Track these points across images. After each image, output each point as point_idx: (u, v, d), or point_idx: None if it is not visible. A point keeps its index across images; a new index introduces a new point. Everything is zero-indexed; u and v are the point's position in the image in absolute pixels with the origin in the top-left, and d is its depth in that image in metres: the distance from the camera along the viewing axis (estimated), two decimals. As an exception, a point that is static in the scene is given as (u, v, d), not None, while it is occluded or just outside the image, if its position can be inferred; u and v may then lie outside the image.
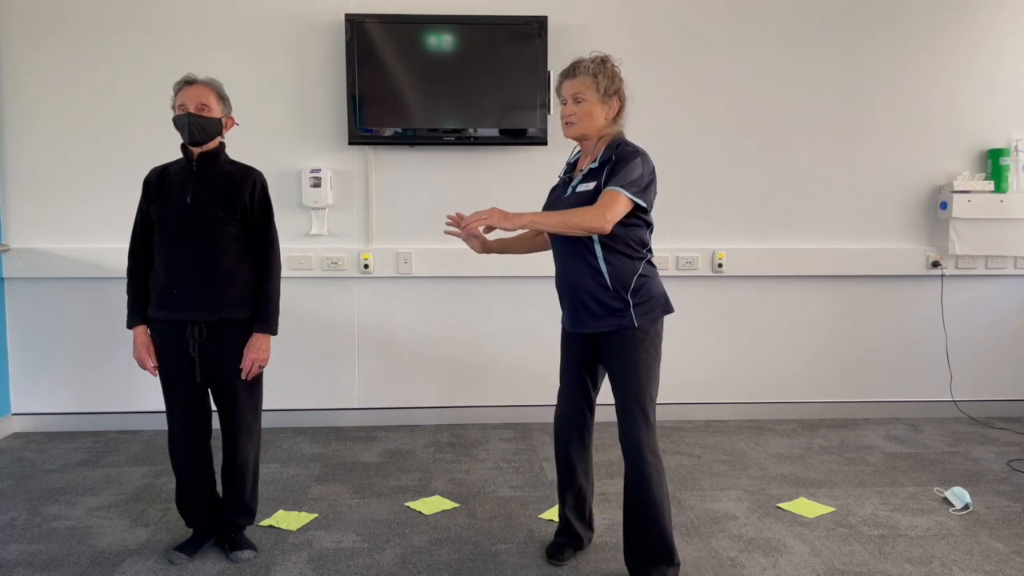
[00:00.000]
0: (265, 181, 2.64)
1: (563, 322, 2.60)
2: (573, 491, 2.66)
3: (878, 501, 3.18)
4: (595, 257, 2.41)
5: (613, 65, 2.46)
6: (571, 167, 2.58)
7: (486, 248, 2.67)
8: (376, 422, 4.19)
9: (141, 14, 3.91)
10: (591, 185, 2.40)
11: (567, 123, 2.47)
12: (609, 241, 2.39)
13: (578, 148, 2.58)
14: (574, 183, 2.48)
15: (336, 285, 4.11)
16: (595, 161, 2.44)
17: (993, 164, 4.20)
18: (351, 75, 3.88)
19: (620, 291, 2.40)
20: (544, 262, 4.11)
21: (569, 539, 2.68)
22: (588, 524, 2.72)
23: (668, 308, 2.48)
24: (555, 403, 2.71)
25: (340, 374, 4.17)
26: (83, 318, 4.03)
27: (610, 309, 2.41)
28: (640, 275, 2.42)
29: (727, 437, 4.00)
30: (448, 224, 2.59)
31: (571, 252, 2.45)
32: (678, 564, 2.46)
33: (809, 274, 4.25)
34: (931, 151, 4.25)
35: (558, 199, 2.52)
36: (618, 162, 2.37)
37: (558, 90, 2.52)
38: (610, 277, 2.40)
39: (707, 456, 3.72)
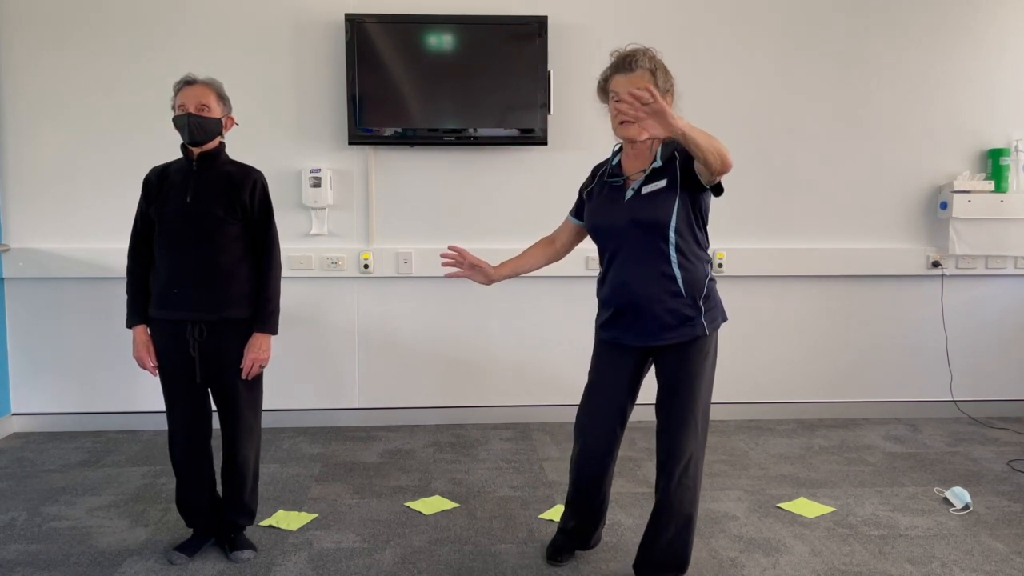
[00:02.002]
0: (265, 181, 2.64)
1: (607, 336, 2.42)
2: (592, 507, 2.56)
3: (878, 501, 3.18)
4: (669, 263, 2.27)
5: (661, 59, 2.32)
6: (615, 169, 2.41)
7: (492, 279, 2.52)
8: (376, 422, 4.19)
9: (141, 14, 3.91)
10: (662, 183, 2.28)
11: (625, 122, 2.25)
12: (683, 244, 2.28)
13: (617, 147, 2.44)
14: (636, 184, 2.32)
15: (336, 285, 4.11)
16: (656, 160, 2.30)
17: (993, 164, 4.20)
18: (351, 75, 3.87)
19: (694, 297, 2.29)
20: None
21: (571, 540, 2.66)
22: (599, 531, 2.69)
23: (725, 315, 2.40)
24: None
25: (340, 374, 4.17)
26: (83, 318, 4.03)
27: (682, 318, 2.28)
28: (709, 279, 2.34)
29: (727, 437, 4.00)
30: (446, 260, 2.43)
31: (642, 258, 2.29)
32: (685, 571, 2.47)
33: (809, 274, 4.25)
34: (931, 151, 4.25)
35: (615, 202, 2.35)
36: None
37: (604, 85, 2.32)
38: (684, 283, 2.28)
39: (707, 456, 3.70)
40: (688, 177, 2.27)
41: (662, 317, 2.29)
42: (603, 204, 2.39)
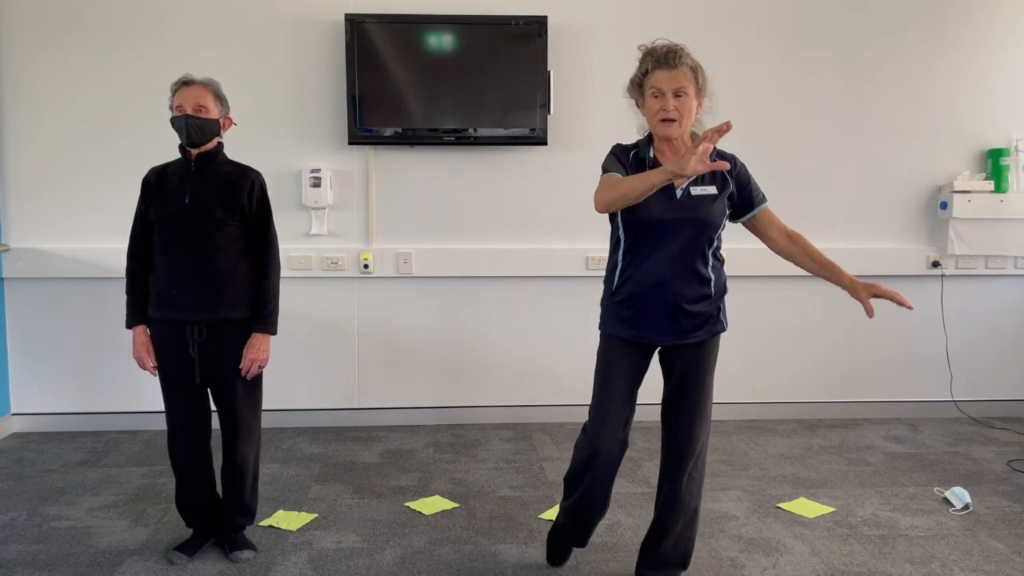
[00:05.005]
0: (263, 181, 2.64)
1: (630, 334, 2.34)
2: (601, 513, 2.51)
3: (878, 501, 3.18)
4: (706, 264, 2.31)
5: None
6: (655, 163, 2.29)
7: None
8: (376, 422, 4.19)
9: (141, 14, 3.91)
10: (712, 189, 2.27)
11: (668, 119, 2.20)
12: (718, 246, 2.35)
13: (643, 138, 2.36)
14: (684, 185, 2.25)
15: (336, 285, 4.11)
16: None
17: (993, 164, 4.20)
18: (351, 75, 3.87)
19: (718, 296, 2.36)
20: (540, 262, 4.11)
21: (571, 537, 2.64)
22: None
23: None
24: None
25: (340, 374, 4.17)
26: (83, 318, 4.03)
27: (708, 316, 2.34)
28: (727, 278, 2.42)
29: (727, 437, 4.00)
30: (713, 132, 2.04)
31: (682, 258, 2.27)
32: (688, 567, 2.49)
33: (809, 274, 4.24)
34: (931, 151, 4.25)
35: (667, 199, 2.25)
36: (744, 176, 2.35)
37: (643, 80, 2.25)
38: (714, 283, 2.33)
39: (707, 456, 3.71)
40: (739, 200, 2.36)
41: (694, 316, 2.31)
42: (653, 197, 2.23)
